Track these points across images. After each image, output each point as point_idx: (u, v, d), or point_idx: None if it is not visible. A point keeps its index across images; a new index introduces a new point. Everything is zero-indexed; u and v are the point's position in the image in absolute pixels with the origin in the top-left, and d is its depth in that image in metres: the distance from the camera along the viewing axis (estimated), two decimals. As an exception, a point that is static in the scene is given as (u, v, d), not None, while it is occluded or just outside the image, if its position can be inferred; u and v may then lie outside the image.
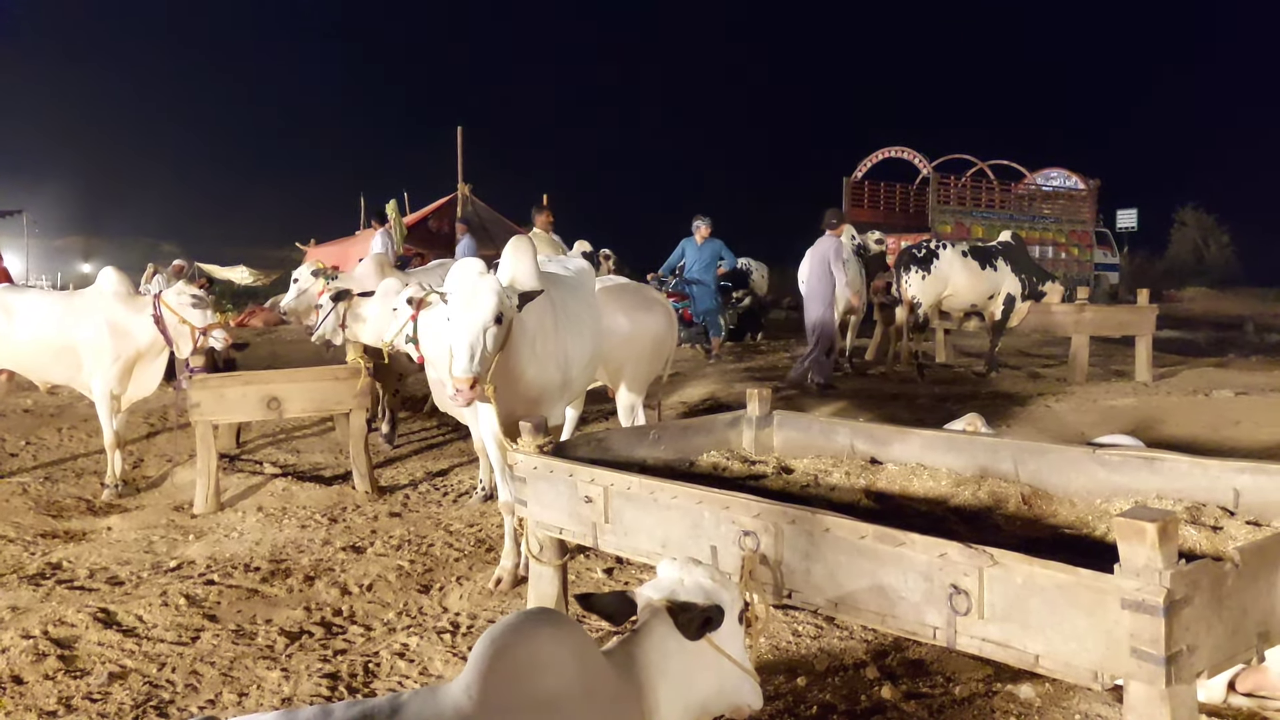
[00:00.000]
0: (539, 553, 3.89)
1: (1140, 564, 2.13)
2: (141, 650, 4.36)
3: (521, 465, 3.78)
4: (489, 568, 5.34)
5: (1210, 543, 2.89)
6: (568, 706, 2.13)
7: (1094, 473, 3.64)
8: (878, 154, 28.68)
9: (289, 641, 4.48)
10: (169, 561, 5.61)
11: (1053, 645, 2.30)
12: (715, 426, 4.59)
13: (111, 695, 3.93)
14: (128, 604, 4.90)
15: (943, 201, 25.87)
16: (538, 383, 4.76)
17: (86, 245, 41.70)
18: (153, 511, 6.72)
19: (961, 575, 2.43)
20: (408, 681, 4.05)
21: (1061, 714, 3.50)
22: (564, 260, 5.94)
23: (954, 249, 12.64)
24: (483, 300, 4.33)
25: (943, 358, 13.92)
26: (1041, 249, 25.27)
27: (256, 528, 6.27)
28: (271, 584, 5.24)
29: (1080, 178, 28.87)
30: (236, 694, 3.95)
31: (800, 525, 2.82)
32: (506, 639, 2.16)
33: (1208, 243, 45.83)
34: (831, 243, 11.43)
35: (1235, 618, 2.30)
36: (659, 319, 6.63)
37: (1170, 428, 8.53)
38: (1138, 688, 2.18)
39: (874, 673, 3.90)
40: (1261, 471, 3.28)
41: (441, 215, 21.01)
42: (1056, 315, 12.38)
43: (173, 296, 6.94)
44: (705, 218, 12.29)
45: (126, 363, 7.05)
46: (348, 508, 6.74)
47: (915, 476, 3.89)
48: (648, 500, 3.28)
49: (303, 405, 7.07)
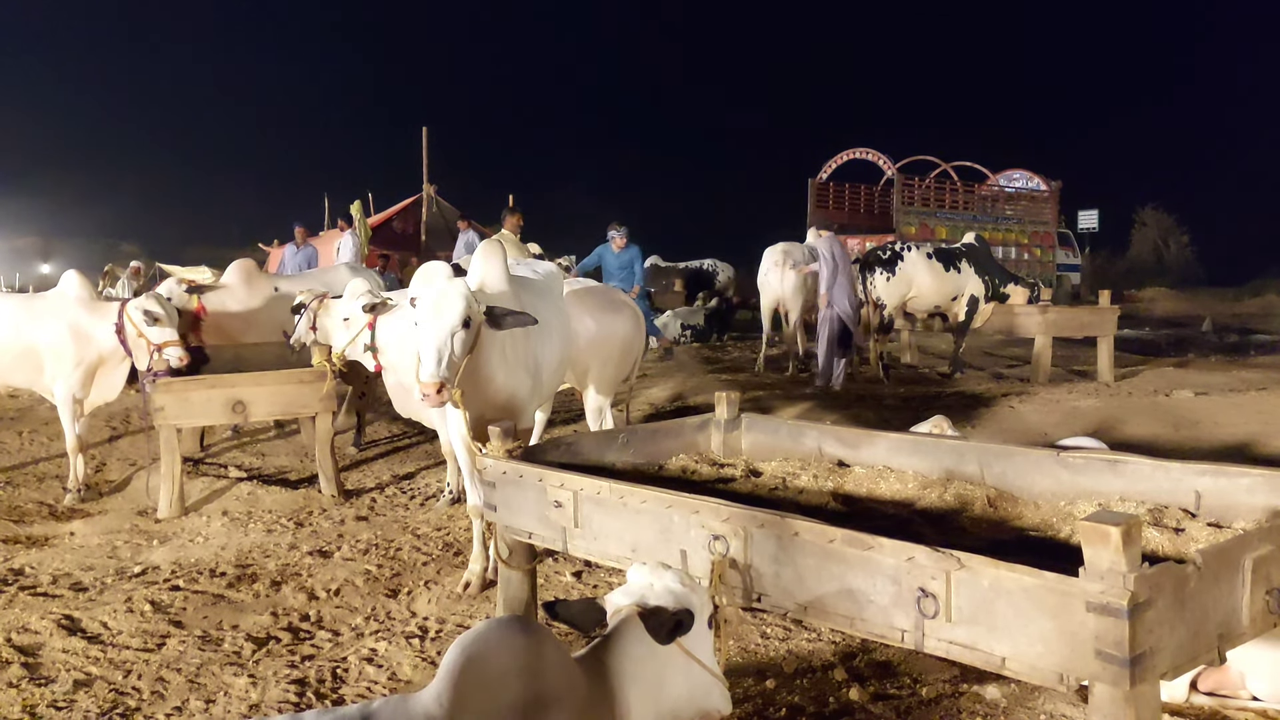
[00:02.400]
0: (508, 557, 3.89)
1: (1104, 567, 2.16)
2: (106, 657, 4.32)
3: (491, 470, 3.77)
4: (457, 572, 5.33)
5: (1173, 545, 2.94)
6: (539, 714, 2.13)
7: (1058, 475, 3.67)
8: (842, 155, 28.80)
9: (256, 647, 4.46)
10: (133, 567, 5.56)
11: (1019, 647, 2.32)
12: (684, 430, 4.60)
13: (77, 703, 3.89)
14: (92, 610, 4.85)
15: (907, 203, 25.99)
16: (507, 387, 4.76)
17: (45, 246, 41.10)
18: (116, 516, 6.66)
19: (929, 578, 2.46)
20: (376, 687, 4.04)
21: (1027, 715, 3.54)
22: (533, 264, 5.94)
23: (918, 250, 12.75)
24: (451, 304, 4.31)
25: (908, 359, 14.02)
26: (1005, 250, 25.45)
27: (222, 532, 6.22)
28: (237, 589, 5.21)
29: (1042, 179, 29.09)
30: (203, 701, 3.92)
31: (769, 529, 2.83)
32: (477, 646, 2.17)
33: (1167, 243, 46.33)
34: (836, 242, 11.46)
35: (1197, 619, 2.34)
36: (627, 322, 6.65)
37: (1132, 428, 8.64)
38: (1102, 689, 2.21)
39: (842, 675, 3.92)
40: (1222, 474, 3.33)
41: (406, 216, 20.95)
42: (1020, 316, 12.49)
43: (133, 310, 6.86)
44: (622, 226, 11.83)
45: (89, 367, 6.98)
46: (314, 511, 6.70)
47: (882, 479, 3.92)
48: (617, 504, 3.29)
49: (268, 408, 7.02)
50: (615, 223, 11.74)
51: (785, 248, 13.11)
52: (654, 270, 20.58)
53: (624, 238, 11.73)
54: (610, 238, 11.83)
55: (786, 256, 12.91)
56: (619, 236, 11.77)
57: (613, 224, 11.79)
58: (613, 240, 11.82)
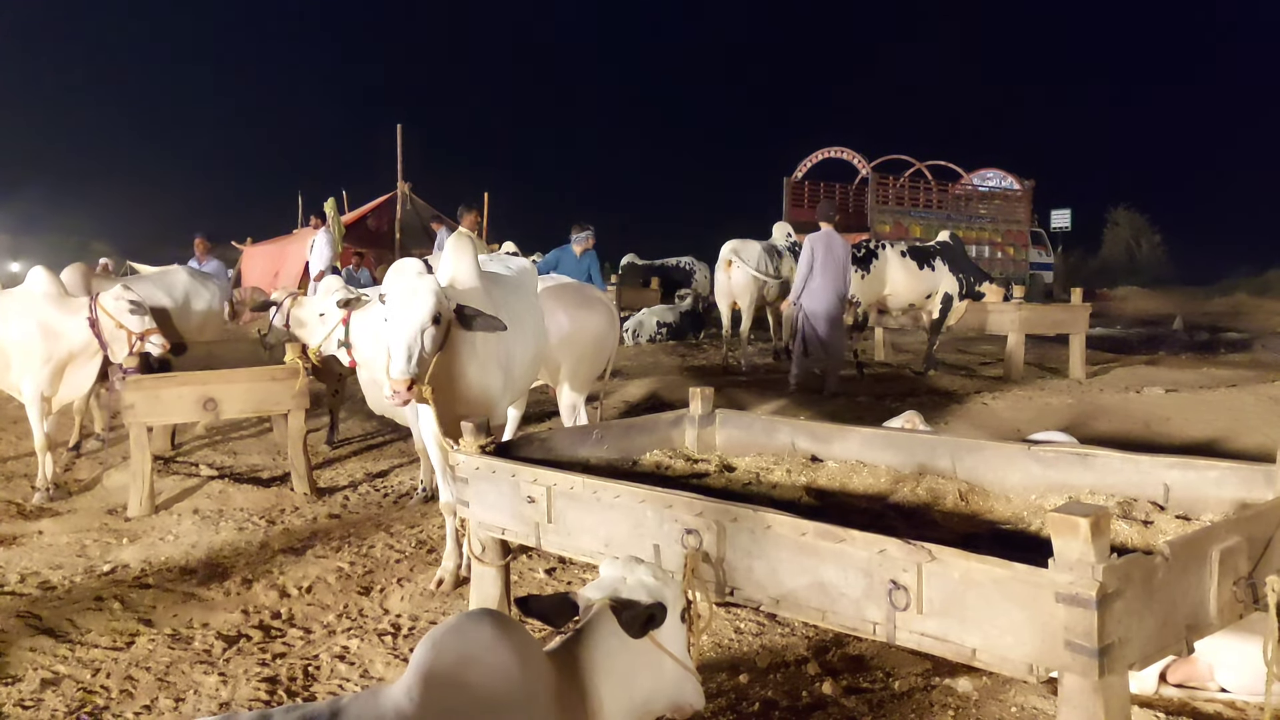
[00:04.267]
0: (481, 553, 3.87)
1: (1074, 558, 2.17)
2: (75, 656, 4.28)
3: (463, 466, 3.76)
4: (430, 569, 5.31)
5: (1141, 537, 2.96)
6: (510, 708, 2.12)
7: (1029, 469, 3.70)
8: (817, 154, 28.93)
9: (226, 645, 4.42)
10: (102, 565, 5.51)
11: (989, 639, 2.33)
12: (658, 425, 4.60)
13: (44, 702, 3.85)
14: (60, 609, 4.81)
15: (881, 201, 26.15)
16: (479, 383, 4.74)
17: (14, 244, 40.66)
18: (85, 515, 6.60)
19: (901, 571, 2.46)
20: (348, 684, 4.02)
21: (998, 707, 3.55)
22: (505, 260, 5.92)
23: (893, 249, 12.80)
24: (421, 300, 4.30)
25: (882, 356, 14.07)
26: (978, 248, 25.66)
27: (192, 530, 6.17)
28: (208, 587, 5.17)
29: (1015, 178, 29.32)
30: (173, 699, 3.89)
31: (742, 523, 2.83)
32: (448, 640, 2.15)
33: (1139, 242, 46.76)
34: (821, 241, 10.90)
35: (1165, 610, 2.35)
36: (601, 318, 6.64)
37: (1103, 424, 8.70)
38: (1071, 679, 2.23)
39: (815, 669, 3.93)
40: (1190, 467, 3.36)
41: (380, 214, 20.83)
42: (993, 314, 12.57)
43: (110, 301, 6.81)
44: (587, 228, 10.76)
45: (58, 364, 6.90)
46: (286, 509, 6.66)
47: (855, 474, 3.93)
48: (591, 500, 3.28)
49: (240, 406, 6.97)
50: (579, 224, 10.81)
51: (735, 245, 13.07)
52: (630, 269, 20.58)
53: (584, 242, 10.80)
54: (572, 240, 10.90)
55: (736, 255, 12.91)
56: (581, 240, 10.80)
57: (576, 225, 10.85)
58: (574, 243, 10.86)
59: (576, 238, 10.59)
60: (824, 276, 10.80)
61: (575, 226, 10.70)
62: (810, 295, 10.85)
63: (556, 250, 10.85)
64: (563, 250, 10.78)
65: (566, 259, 10.70)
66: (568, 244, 10.69)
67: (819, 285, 10.82)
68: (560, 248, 10.80)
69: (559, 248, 10.86)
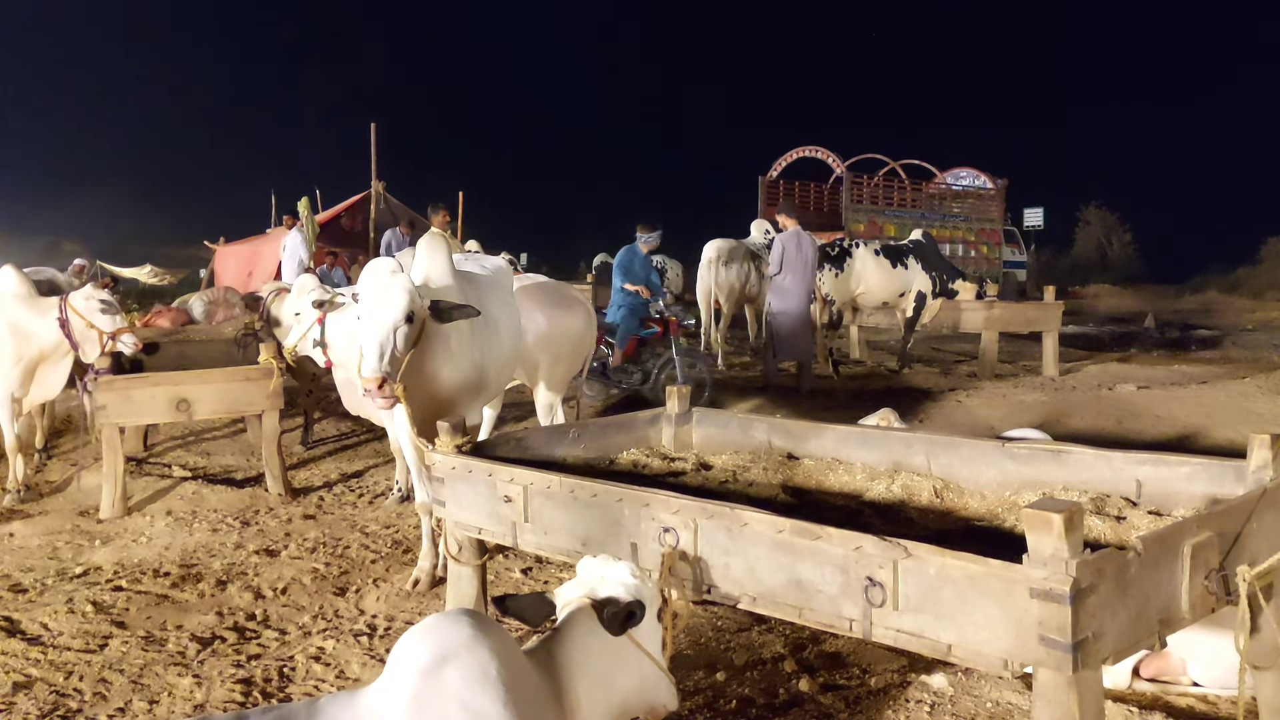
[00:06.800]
0: (457, 553, 3.86)
1: (1047, 554, 2.18)
2: (47, 659, 4.24)
3: (439, 465, 3.75)
4: (406, 569, 5.29)
5: (1114, 532, 2.97)
6: (488, 708, 2.12)
7: (1004, 466, 3.71)
8: (792, 153, 28.97)
9: (201, 647, 4.40)
10: (75, 568, 5.46)
11: (964, 634, 2.34)
12: (635, 424, 4.60)
13: (17, 705, 3.82)
14: (32, 612, 4.76)
15: (856, 200, 26.26)
16: (454, 382, 4.73)
17: (-18, 244, 40.25)
18: (57, 517, 6.54)
19: (877, 567, 2.47)
20: (324, 685, 4.00)
21: (973, 702, 3.57)
22: (481, 258, 5.91)
23: (866, 247, 12.86)
24: (394, 299, 4.29)
25: (857, 354, 14.13)
26: (952, 247, 25.80)
27: (166, 532, 6.13)
28: (182, 589, 5.13)
29: (989, 177, 29.46)
30: (147, 702, 3.86)
31: (719, 521, 2.83)
32: (425, 640, 2.15)
33: (1111, 240, 47.10)
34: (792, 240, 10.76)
35: (1138, 604, 2.37)
36: (578, 318, 6.64)
37: (1076, 421, 8.76)
38: (1046, 674, 2.24)
39: (792, 666, 3.95)
40: (1162, 463, 3.39)
41: (354, 213, 20.70)
42: (966, 312, 12.65)
43: (80, 300, 6.74)
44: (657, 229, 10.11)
45: (28, 365, 6.83)
46: (260, 510, 6.62)
47: (831, 471, 3.95)
48: (567, 499, 3.28)
49: (213, 407, 6.93)
50: (647, 224, 10.06)
51: (719, 244, 13.11)
52: (604, 268, 20.57)
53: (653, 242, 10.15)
54: (640, 239, 10.15)
55: (719, 254, 12.94)
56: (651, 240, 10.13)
57: (643, 224, 10.10)
58: (642, 242, 10.16)
59: (645, 237, 10.07)
60: (793, 276, 10.77)
61: (642, 226, 10.12)
62: (779, 294, 10.83)
63: (625, 250, 10.28)
64: (631, 250, 10.22)
65: (637, 259, 10.15)
66: (634, 243, 10.17)
67: (788, 284, 10.79)
68: (628, 247, 10.26)
69: (626, 247, 10.30)
